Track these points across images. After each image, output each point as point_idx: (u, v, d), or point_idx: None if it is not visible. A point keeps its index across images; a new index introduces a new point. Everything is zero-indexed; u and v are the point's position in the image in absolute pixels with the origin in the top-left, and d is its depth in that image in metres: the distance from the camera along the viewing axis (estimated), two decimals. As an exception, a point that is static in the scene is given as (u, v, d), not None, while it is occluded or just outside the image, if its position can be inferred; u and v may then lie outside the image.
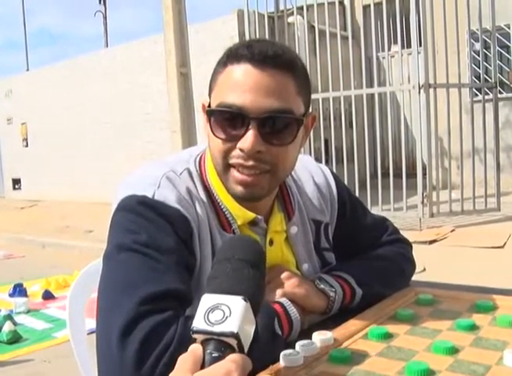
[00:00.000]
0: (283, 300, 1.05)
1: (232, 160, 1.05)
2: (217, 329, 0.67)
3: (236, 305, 0.69)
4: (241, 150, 1.02)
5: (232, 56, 1.04)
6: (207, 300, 0.71)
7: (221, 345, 0.67)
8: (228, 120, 1.03)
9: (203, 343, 0.68)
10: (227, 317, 0.68)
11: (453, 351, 0.89)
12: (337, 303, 1.13)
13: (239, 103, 1.01)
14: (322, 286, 1.13)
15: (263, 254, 0.81)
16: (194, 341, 0.69)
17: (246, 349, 0.69)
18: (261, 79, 1.01)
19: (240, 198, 1.09)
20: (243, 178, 1.05)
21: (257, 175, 1.05)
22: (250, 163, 1.03)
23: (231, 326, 0.67)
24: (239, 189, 1.06)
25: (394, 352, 0.91)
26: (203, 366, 0.65)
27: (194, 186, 1.11)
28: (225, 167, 1.06)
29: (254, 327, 0.72)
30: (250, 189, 1.06)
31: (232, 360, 0.64)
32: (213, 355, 0.66)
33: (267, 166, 1.05)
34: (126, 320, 0.87)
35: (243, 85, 1.01)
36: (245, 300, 0.70)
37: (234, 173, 1.05)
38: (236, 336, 0.67)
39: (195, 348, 0.67)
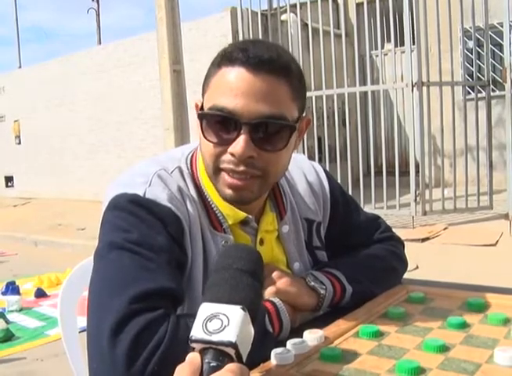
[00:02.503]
0: (274, 298, 1.05)
1: (223, 165, 1.04)
2: (215, 338, 0.67)
3: (235, 314, 0.69)
4: (232, 154, 1.01)
5: (226, 59, 1.03)
6: (206, 309, 0.70)
7: (220, 354, 0.67)
8: (220, 123, 1.02)
9: (202, 352, 0.68)
10: (225, 326, 0.68)
11: (444, 349, 0.90)
12: (327, 300, 1.13)
13: (231, 107, 0.99)
14: (312, 283, 1.13)
15: (261, 263, 0.81)
16: (192, 349, 0.69)
17: (244, 358, 0.69)
18: (254, 84, 1.00)
19: (230, 201, 1.09)
20: (232, 182, 1.04)
21: (247, 180, 1.04)
22: (241, 168, 1.02)
23: (229, 335, 0.67)
24: (228, 192, 1.06)
25: (385, 351, 0.91)
26: None
27: (185, 184, 1.10)
28: (216, 170, 1.06)
29: (252, 336, 0.72)
30: (239, 193, 1.05)
31: (230, 370, 0.64)
32: (211, 364, 0.66)
33: (258, 172, 1.04)
34: (117, 319, 0.87)
35: (236, 89, 1.00)
36: (243, 309, 0.70)
37: (224, 176, 1.05)
38: (234, 345, 0.67)
39: (193, 358, 0.67)
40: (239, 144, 1.00)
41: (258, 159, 1.02)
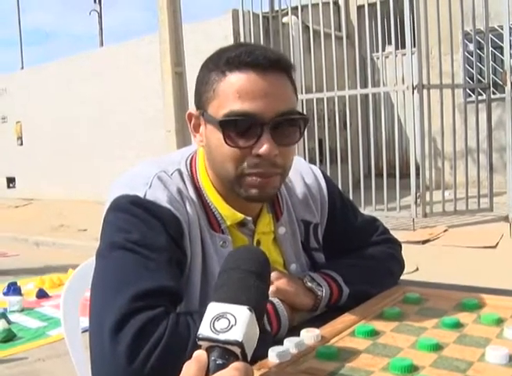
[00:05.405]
0: (273, 298, 1.07)
1: (249, 170, 1.06)
2: (222, 337, 0.69)
3: (242, 314, 0.71)
4: (258, 155, 1.04)
5: (231, 64, 1.05)
6: (213, 308, 0.73)
7: (226, 352, 0.69)
8: (242, 128, 1.04)
9: (208, 350, 0.70)
10: (232, 326, 0.70)
11: (437, 348, 0.91)
12: (324, 301, 1.15)
13: (252, 110, 1.02)
14: (310, 284, 1.15)
15: (268, 265, 0.83)
16: (199, 346, 0.71)
17: (249, 357, 0.72)
18: (267, 85, 1.03)
19: (253, 200, 1.11)
20: (259, 182, 1.07)
21: (271, 177, 1.08)
22: (267, 169, 1.05)
23: (236, 334, 0.69)
24: (254, 192, 1.08)
25: (380, 349, 0.93)
26: (207, 373, 0.68)
27: (185, 186, 1.12)
28: (239, 176, 1.07)
29: (257, 335, 0.74)
30: (264, 191, 1.08)
31: (236, 368, 0.66)
32: (217, 362, 0.68)
33: (279, 169, 1.08)
34: (118, 317, 0.89)
35: (252, 92, 1.02)
36: (250, 310, 0.72)
37: (249, 180, 1.07)
38: (240, 344, 0.69)
39: (200, 355, 0.69)
40: (264, 145, 1.03)
41: (279, 156, 1.06)
